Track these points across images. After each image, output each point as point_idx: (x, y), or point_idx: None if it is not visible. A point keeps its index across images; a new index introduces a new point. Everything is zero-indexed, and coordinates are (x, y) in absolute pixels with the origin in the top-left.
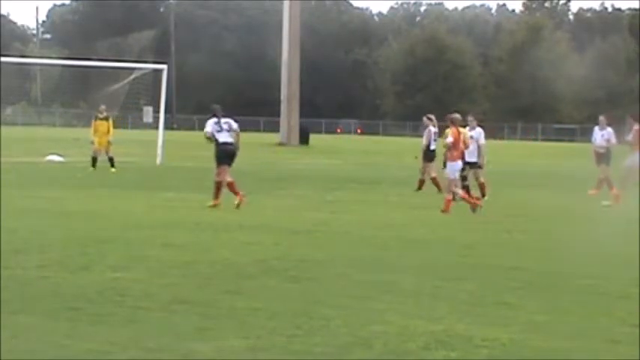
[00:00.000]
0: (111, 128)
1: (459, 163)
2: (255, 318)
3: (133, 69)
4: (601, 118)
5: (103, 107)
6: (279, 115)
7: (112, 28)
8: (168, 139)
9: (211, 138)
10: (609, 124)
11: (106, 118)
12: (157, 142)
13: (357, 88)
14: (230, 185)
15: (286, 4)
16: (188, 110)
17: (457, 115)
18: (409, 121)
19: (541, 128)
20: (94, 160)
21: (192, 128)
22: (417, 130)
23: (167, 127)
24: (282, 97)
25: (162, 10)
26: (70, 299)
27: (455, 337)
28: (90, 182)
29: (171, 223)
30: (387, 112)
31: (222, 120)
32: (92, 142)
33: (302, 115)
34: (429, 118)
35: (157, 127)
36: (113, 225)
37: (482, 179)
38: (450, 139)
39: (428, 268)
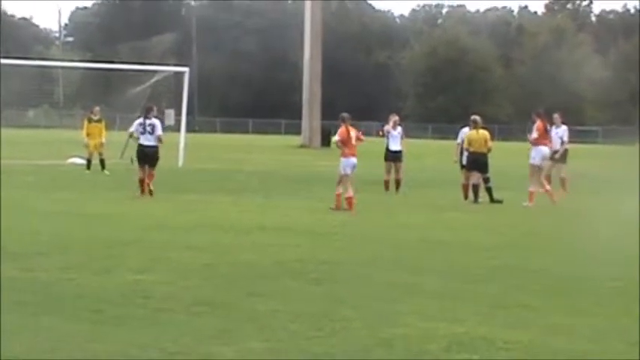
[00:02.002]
0: (103, 131)
1: (352, 160)
2: (276, 320)
3: (155, 72)
4: (555, 116)
5: (97, 109)
6: (300, 118)
7: (134, 31)
8: (189, 141)
9: (135, 137)
10: (564, 122)
11: (100, 121)
12: (179, 145)
13: (378, 90)
14: (141, 181)
15: (307, 6)
16: (210, 113)
17: (346, 114)
18: (431, 123)
19: None
20: (89, 163)
21: (213, 130)
22: (439, 133)
23: (189, 129)
24: (303, 99)
25: (183, 12)
26: (92, 301)
27: (476, 339)
28: (112, 184)
29: (192, 225)
30: (408, 114)
31: (148, 122)
32: (86, 145)
33: (323, 117)
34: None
35: (178, 130)
36: (135, 227)
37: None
38: (337, 138)
39: (449, 270)
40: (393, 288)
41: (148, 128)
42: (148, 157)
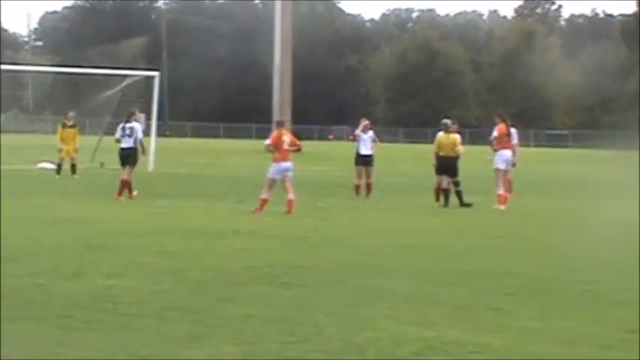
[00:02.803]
0: (77, 136)
1: (282, 165)
2: (248, 325)
3: (125, 76)
4: (497, 119)
5: (71, 114)
6: (271, 122)
7: (104, 35)
8: (160, 145)
9: (120, 141)
10: (513, 126)
11: (74, 126)
12: (149, 149)
13: (349, 95)
14: (124, 182)
15: (278, 10)
16: (180, 117)
17: (282, 119)
18: (401, 127)
19: (533, 134)
20: (59, 168)
21: (184, 135)
22: (410, 137)
23: (159, 134)
24: (274, 103)
25: (153, 17)
26: (62, 307)
27: (448, 343)
28: (82, 189)
29: (163, 230)
30: (379, 118)
31: (128, 125)
32: (59, 150)
33: (294, 121)
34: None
35: (149, 134)
36: (106, 232)
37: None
38: (267, 142)
39: (421, 274)
40: (365, 293)
41: (127, 131)
42: (126, 158)
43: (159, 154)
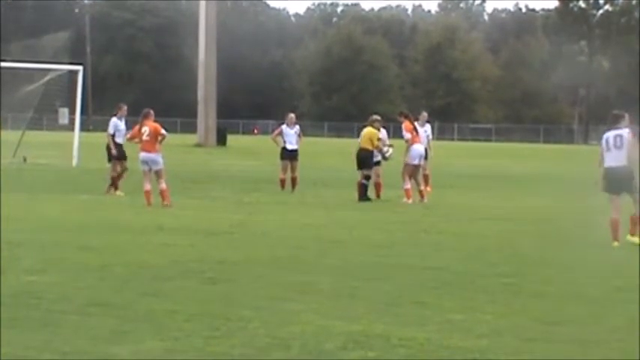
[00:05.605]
0: None
1: (141, 155)
2: (173, 320)
3: (48, 70)
4: (424, 114)
5: None
6: (196, 116)
7: (26, 29)
8: (84, 140)
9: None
10: (428, 121)
11: None
12: (73, 144)
13: (274, 89)
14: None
15: (202, 5)
16: (104, 111)
17: (145, 110)
18: (326, 121)
19: (457, 128)
20: None
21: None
22: (335, 131)
23: (83, 128)
24: (199, 98)
25: (77, 11)
26: None
27: (372, 337)
28: (4, 185)
29: (87, 225)
30: (304, 112)
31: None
32: None
33: (219, 115)
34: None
35: (72, 129)
36: (28, 228)
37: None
38: (129, 134)
39: (345, 269)
40: (290, 287)
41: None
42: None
43: (82, 149)
